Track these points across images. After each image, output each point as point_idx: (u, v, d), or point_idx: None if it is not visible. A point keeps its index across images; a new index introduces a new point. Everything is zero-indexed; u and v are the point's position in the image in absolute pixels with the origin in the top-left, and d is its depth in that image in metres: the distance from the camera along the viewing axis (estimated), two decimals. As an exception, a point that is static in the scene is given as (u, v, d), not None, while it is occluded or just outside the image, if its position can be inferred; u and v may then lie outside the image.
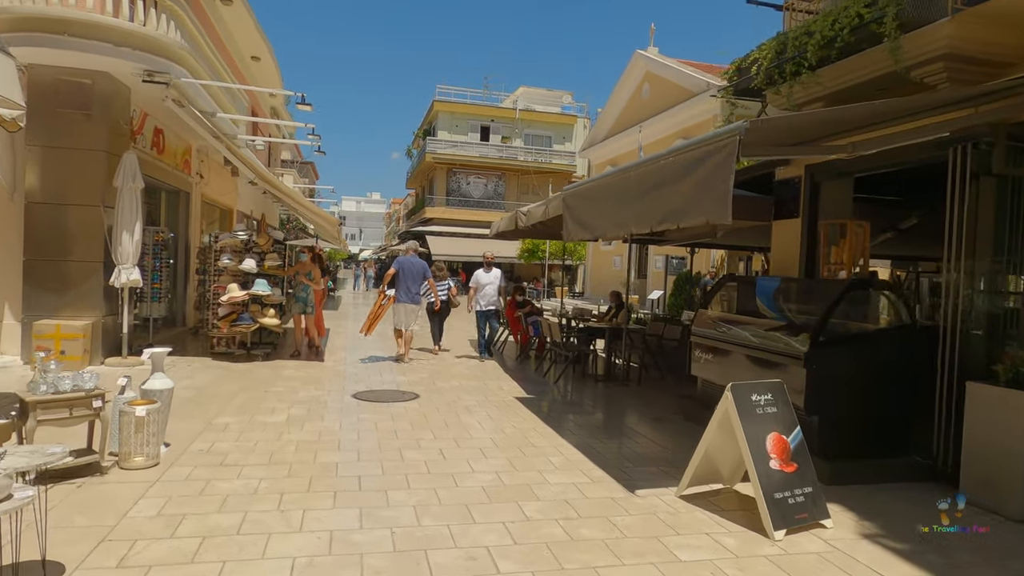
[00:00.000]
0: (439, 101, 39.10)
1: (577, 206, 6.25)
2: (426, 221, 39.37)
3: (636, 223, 4.80)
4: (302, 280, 9.39)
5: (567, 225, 6.39)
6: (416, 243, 12.11)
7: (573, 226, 6.21)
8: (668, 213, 4.28)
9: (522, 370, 9.79)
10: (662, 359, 9.38)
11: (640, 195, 4.69)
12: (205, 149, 13.14)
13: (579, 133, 41.41)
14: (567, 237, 6.64)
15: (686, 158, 4.12)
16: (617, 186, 5.17)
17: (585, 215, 6.07)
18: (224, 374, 8.18)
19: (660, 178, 4.41)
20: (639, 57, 23.63)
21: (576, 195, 6.32)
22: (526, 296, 11.63)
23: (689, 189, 4.03)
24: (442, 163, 38.53)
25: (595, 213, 5.79)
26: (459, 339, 13.27)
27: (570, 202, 6.46)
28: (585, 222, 6.03)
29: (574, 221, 6.25)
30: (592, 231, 5.90)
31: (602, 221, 5.61)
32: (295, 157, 39.14)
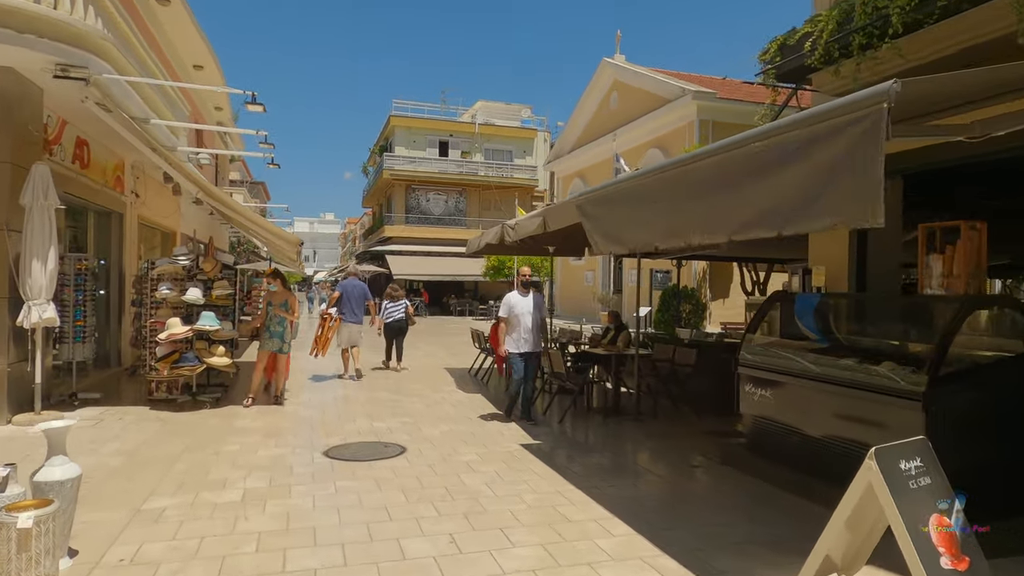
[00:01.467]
0: (396, 116, 37.84)
1: (601, 215, 5.11)
2: (385, 240, 37.89)
3: (703, 231, 3.68)
4: (277, 312, 7.97)
5: (592, 238, 5.24)
6: (358, 267, 13.96)
7: (600, 239, 5.07)
8: (764, 215, 3.17)
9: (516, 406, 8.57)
10: (675, 388, 8.30)
11: (709, 193, 3.58)
12: (141, 165, 11.62)
13: (540, 147, 40.66)
14: (595, 251, 5.49)
15: (791, 139, 3.01)
16: (666, 185, 4.05)
17: (615, 224, 4.94)
18: (163, 429, 6.73)
19: (744, 168, 3.30)
20: (606, 65, 22.88)
21: (598, 200, 5.18)
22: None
23: (803, 181, 2.93)
24: (400, 180, 37.19)
25: (631, 221, 4.65)
26: (432, 364, 11.97)
27: (589, 210, 5.32)
28: (615, 233, 4.89)
29: (600, 233, 5.11)
30: (627, 243, 4.76)
31: (642, 231, 4.48)
32: (244, 177, 37.27)
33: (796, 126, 3.02)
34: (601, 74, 23.40)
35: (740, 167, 3.34)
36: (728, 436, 6.84)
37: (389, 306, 11.95)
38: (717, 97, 17.80)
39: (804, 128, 2.96)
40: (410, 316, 11.97)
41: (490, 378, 10.69)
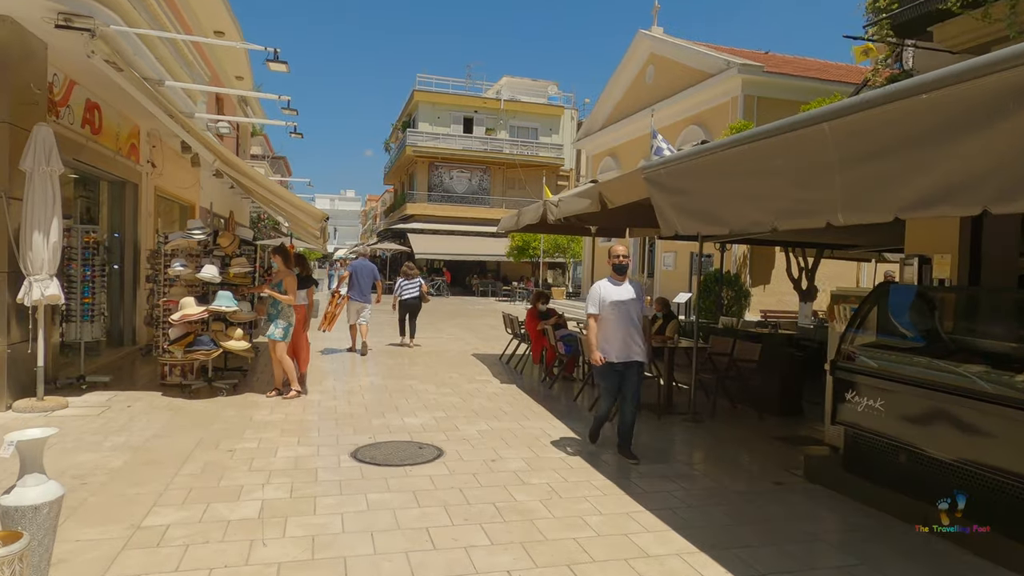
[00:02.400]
0: (419, 91, 36.94)
1: (687, 188, 4.33)
2: (407, 218, 37.22)
3: (851, 208, 2.87)
4: (271, 293, 7.17)
5: (667, 216, 4.47)
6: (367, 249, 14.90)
7: (682, 217, 4.29)
8: (957, 187, 2.37)
9: (556, 400, 7.86)
10: (733, 385, 7.52)
11: (868, 159, 2.77)
12: (157, 133, 10.98)
13: (566, 125, 39.60)
14: (667, 230, 4.71)
15: (995, 85, 2.20)
16: (794, 150, 3.25)
17: (707, 200, 4.16)
18: (174, 420, 6.10)
19: (917, 128, 2.50)
20: (643, 37, 21.78)
21: (682, 172, 4.38)
22: (550, 304, 9.69)
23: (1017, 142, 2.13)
24: (423, 156, 36.40)
25: (733, 196, 3.86)
26: (460, 349, 11.28)
27: (668, 183, 4.52)
28: (707, 210, 4.11)
29: (682, 210, 4.33)
30: (725, 222, 3.96)
31: (751, 208, 3.68)
32: (266, 151, 36.71)
33: (992, 67, 2.20)
34: (637, 47, 22.31)
35: (902, 127, 2.53)
36: (801, 443, 6.07)
37: (404, 284, 12.12)
38: (764, 71, 16.73)
39: (1005, 70, 2.15)
40: (424, 295, 12.17)
41: (524, 366, 9.98)
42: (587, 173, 27.86)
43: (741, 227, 3.88)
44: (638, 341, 5.41)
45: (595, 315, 5.42)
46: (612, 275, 5.56)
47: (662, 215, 4.71)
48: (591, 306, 5.47)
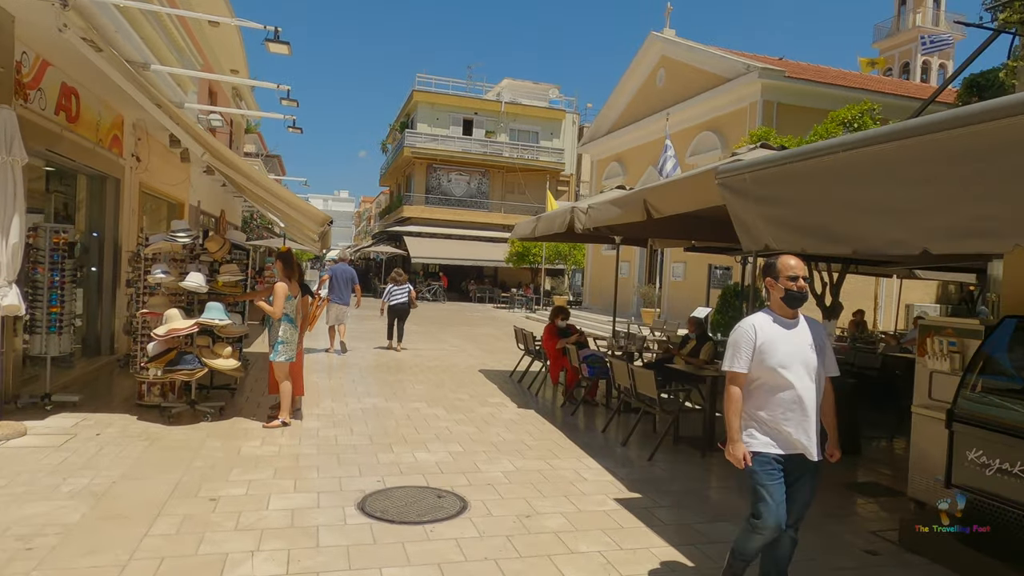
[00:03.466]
0: (419, 91, 36.14)
1: (784, 195, 3.54)
2: (403, 220, 36.35)
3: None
4: (260, 305, 6.30)
5: (749, 227, 3.71)
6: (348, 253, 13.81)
7: (772, 228, 3.53)
8: None
9: (582, 431, 7.04)
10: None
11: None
12: (144, 124, 10.10)
13: (567, 129, 38.91)
14: (750, 245, 3.93)
15: None
16: (963, 149, 2.45)
17: (814, 210, 3.37)
18: (149, 454, 5.24)
19: None
20: (655, 39, 21.06)
21: (775, 178, 3.59)
22: (569, 321, 8.86)
23: None
24: (421, 158, 35.57)
25: (856, 206, 3.07)
26: (466, 364, 10.42)
27: (753, 189, 3.73)
28: (815, 223, 3.33)
29: (772, 221, 3.56)
30: (842, 239, 3.18)
31: (891, 224, 2.89)
32: (260, 150, 35.75)
33: None
34: (648, 49, 21.58)
35: None
36: (876, 493, 5.28)
37: (394, 290, 12.48)
38: (786, 76, 16.02)
39: None
40: (412, 300, 12.57)
41: (539, 387, 9.15)
42: (591, 179, 27.12)
43: (873, 247, 3.08)
44: (815, 422, 3.18)
45: (742, 374, 3.13)
46: (774, 307, 3.25)
47: (745, 227, 3.91)
48: (737, 359, 3.13)
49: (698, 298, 17.59)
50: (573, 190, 39.10)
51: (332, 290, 11.64)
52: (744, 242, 4.10)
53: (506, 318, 23.56)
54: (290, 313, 6.27)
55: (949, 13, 35.84)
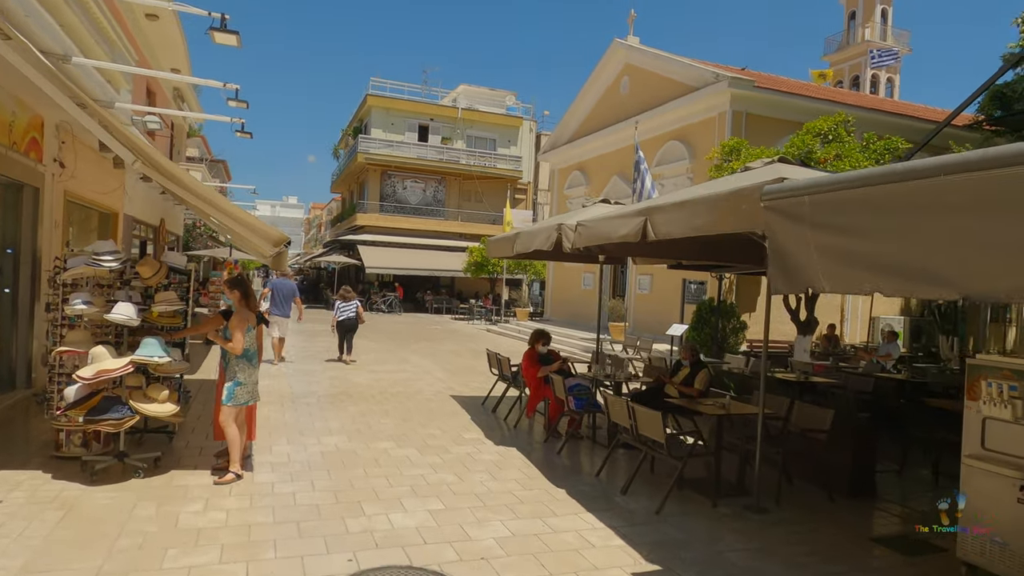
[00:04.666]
0: (373, 95, 35.03)
1: (860, 224, 2.89)
2: (356, 229, 35.13)
3: None
4: (215, 340, 5.38)
5: (800, 263, 3.09)
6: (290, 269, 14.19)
7: (838, 265, 2.92)
8: None
9: (575, 474, 6.32)
10: (799, 460, 6.10)
11: None
12: (69, 126, 8.97)
13: (525, 136, 38.40)
14: (791, 286, 3.30)
15: None
16: None
17: (907, 245, 2.72)
18: (62, 531, 4.27)
19: None
20: (618, 46, 20.65)
21: (849, 203, 2.95)
22: (550, 346, 8.12)
23: None
24: (375, 164, 34.45)
25: (974, 242, 2.43)
26: (433, 389, 9.57)
27: (814, 215, 3.10)
28: (909, 261, 2.69)
29: (840, 256, 2.95)
30: (948, 281, 2.54)
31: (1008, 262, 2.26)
32: (204, 154, 34.05)
33: None
34: (611, 56, 21.16)
35: None
36: (911, 551, 4.71)
37: (341, 306, 12.90)
38: (755, 86, 15.75)
39: None
40: (360, 315, 13.03)
41: (515, 416, 8.39)
42: (552, 187, 26.58)
43: (990, 291, 2.45)
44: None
45: None
46: None
47: (786, 263, 3.29)
48: None
49: (666, 311, 17.14)
50: (531, 198, 38.57)
51: (273, 303, 12.16)
52: (777, 280, 3.47)
53: (467, 331, 22.73)
54: (251, 347, 5.36)
55: (895, 29, 36.86)
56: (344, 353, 13.07)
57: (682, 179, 17.45)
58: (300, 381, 10.59)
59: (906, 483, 6.55)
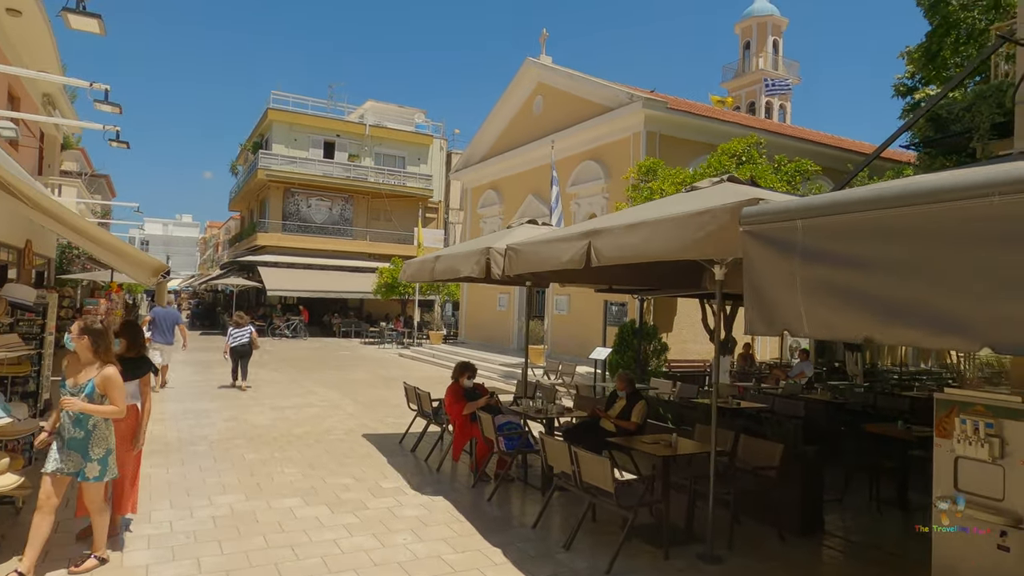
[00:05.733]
0: (274, 109, 33.38)
1: (861, 254, 2.46)
2: (257, 249, 33.16)
3: None
4: (69, 405, 4.22)
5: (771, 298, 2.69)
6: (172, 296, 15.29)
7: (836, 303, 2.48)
8: None
9: (511, 527, 5.65)
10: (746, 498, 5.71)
11: None
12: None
13: (435, 155, 37.75)
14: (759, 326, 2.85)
15: None
16: None
17: (925, 281, 2.28)
18: None
19: None
20: (531, 65, 20.47)
21: (856, 229, 2.50)
22: (475, 379, 7.43)
23: None
24: (277, 181, 32.71)
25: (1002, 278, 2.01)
26: (344, 426, 8.65)
27: (811, 243, 2.64)
28: (922, 298, 2.26)
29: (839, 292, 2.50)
30: (965, 327, 2.11)
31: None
32: (84, 168, 31.16)
33: None
34: (524, 75, 20.95)
35: None
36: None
37: (234, 332, 13.03)
38: (668, 107, 15.86)
39: None
40: (254, 341, 13.13)
41: (442, 458, 7.63)
42: (465, 207, 26.03)
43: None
44: None
45: None
46: None
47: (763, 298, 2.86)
48: None
49: (585, 333, 16.88)
50: (442, 217, 37.88)
51: (154, 331, 12.24)
52: (754, 319, 3.01)
53: (378, 357, 21.65)
54: (82, 407, 4.29)
55: (786, 59, 39.12)
56: (238, 379, 13.02)
57: (598, 199, 17.34)
58: (190, 423, 9.37)
59: (850, 514, 6.32)
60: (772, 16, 39.05)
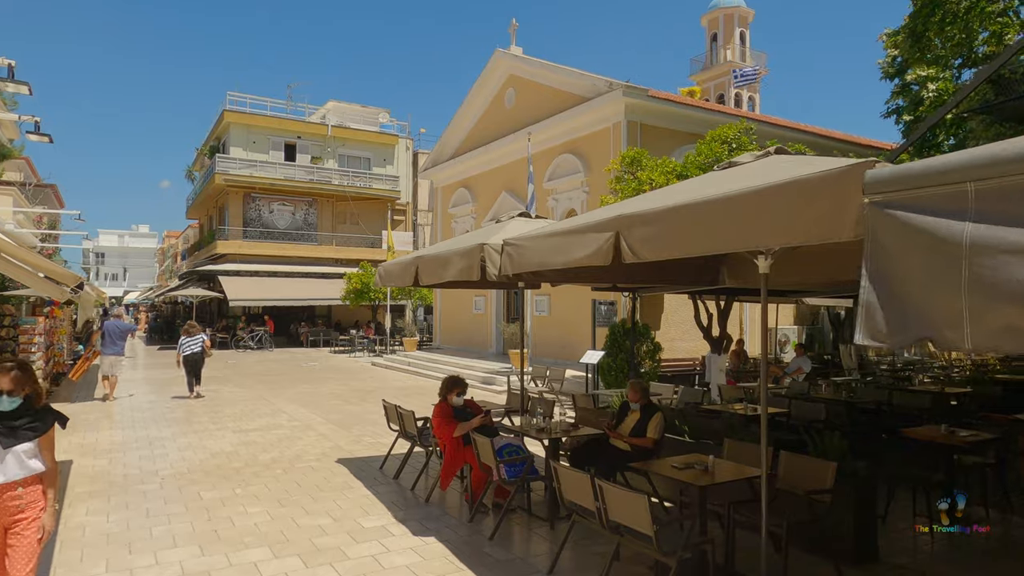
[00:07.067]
0: (231, 111, 31.95)
1: None
2: (217, 258, 31.71)
3: None
4: None
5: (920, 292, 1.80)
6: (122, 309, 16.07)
7: (1002, 303, 1.63)
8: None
9: (519, 574, 4.76)
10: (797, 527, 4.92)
11: None
12: None
13: (401, 155, 36.67)
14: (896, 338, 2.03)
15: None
16: None
17: None
18: None
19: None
20: (501, 57, 19.59)
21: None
22: (466, 394, 6.51)
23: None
24: (236, 186, 31.27)
25: None
26: (316, 449, 7.67)
27: (994, 209, 1.80)
28: None
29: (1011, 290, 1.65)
30: None
31: None
32: (29, 178, 29.32)
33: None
34: (494, 68, 20.07)
35: None
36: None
37: (186, 341, 12.93)
38: (649, 95, 15.15)
39: None
40: (207, 350, 13.15)
41: (426, 483, 6.71)
42: (436, 207, 25.04)
43: None
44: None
45: None
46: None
47: (920, 297, 2.02)
48: None
49: (569, 335, 16.08)
50: (410, 219, 36.79)
51: (104, 343, 12.48)
52: (879, 324, 2.23)
53: (349, 367, 20.56)
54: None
55: (753, 50, 38.95)
56: (192, 389, 13.12)
57: (578, 193, 16.56)
58: (140, 455, 8.27)
59: (899, 535, 5.58)
60: (739, 8, 38.85)
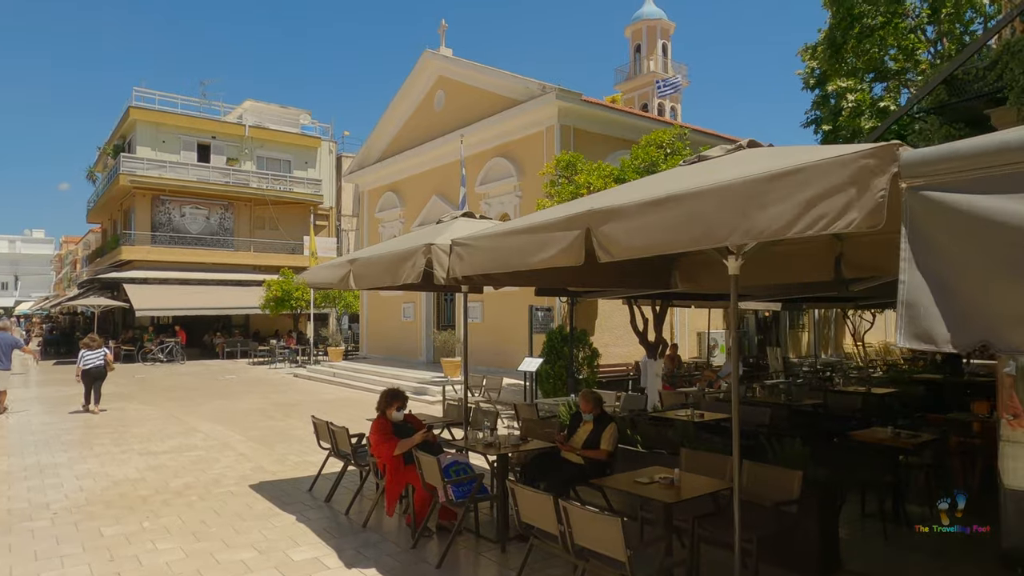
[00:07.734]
0: (137, 107, 29.89)
1: None
2: (122, 265, 29.58)
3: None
4: None
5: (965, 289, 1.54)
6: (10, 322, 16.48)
7: None
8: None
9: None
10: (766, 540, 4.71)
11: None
12: None
13: (324, 158, 35.42)
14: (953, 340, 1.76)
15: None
16: None
17: None
18: None
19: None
20: (430, 58, 19.11)
21: None
22: (407, 408, 6.01)
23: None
24: (144, 188, 29.26)
25: None
26: (234, 472, 6.96)
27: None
28: None
29: None
30: None
31: None
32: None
33: None
34: (423, 69, 19.55)
35: None
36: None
37: (87, 355, 12.60)
38: (583, 100, 15.05)
39: None
40: (109, 363, 12.83)
41: (369, 512, 6.17)
42: (360, 211, 24.21)
43: None
44: None
45: None
46: None
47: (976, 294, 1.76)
48: None
49: (504, 342, 15.75)
50: (334, 225, 35.59)
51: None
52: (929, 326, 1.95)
53: (270, 379, 19.45)
54: None
55: (674, 62, 40.03)
56: (91, 403, 12.58)
57: (511, 197, 16.28)
58: (29, 486, 7.30)
59: (855, 540, 5.50)
60: (661, 20, 39.86)
